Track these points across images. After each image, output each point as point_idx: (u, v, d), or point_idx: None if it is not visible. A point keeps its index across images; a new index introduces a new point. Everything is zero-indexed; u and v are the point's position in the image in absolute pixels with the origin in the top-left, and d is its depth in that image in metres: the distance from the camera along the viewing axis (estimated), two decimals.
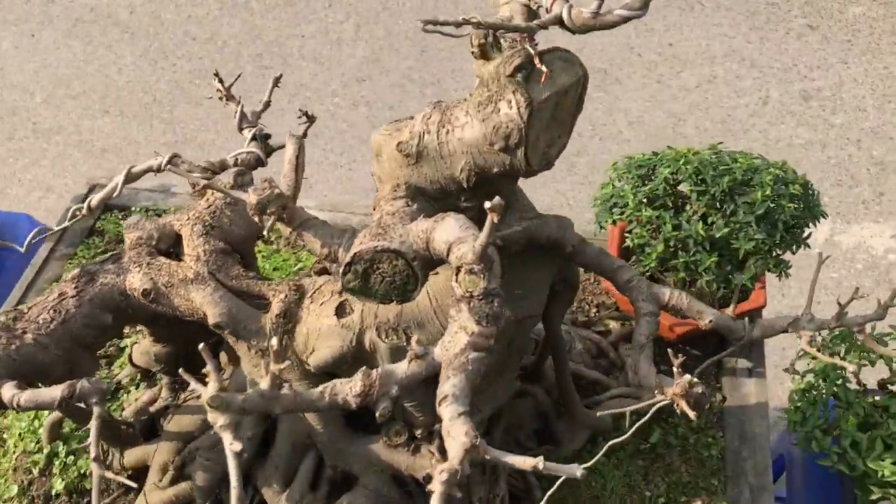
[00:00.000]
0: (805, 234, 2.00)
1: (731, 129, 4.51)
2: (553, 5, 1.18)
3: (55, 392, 1.37)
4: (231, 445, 1.03)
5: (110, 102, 4.83)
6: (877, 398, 2.09)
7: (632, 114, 4.63)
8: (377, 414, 1.12)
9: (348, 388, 1.10)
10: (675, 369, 1.36)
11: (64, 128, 4.69)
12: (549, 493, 1.59)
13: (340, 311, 1.58)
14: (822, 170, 4.32)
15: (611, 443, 1.59)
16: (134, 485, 1.36)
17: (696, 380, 1.34)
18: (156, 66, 5.03)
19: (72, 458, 1.98)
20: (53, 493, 1.96)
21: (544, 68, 1.21)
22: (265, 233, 1.29)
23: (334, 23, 5.20)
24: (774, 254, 1.94)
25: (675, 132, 4.51)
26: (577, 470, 0.97)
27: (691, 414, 1.32)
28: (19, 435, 2.05)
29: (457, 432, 1.00)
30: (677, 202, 1.97)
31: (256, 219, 1.30)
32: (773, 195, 1.92)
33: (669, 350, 1.41)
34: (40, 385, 1.57)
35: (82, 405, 1.61)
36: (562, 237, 1.49)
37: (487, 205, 1.04)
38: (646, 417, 1.51)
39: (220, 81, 1.99)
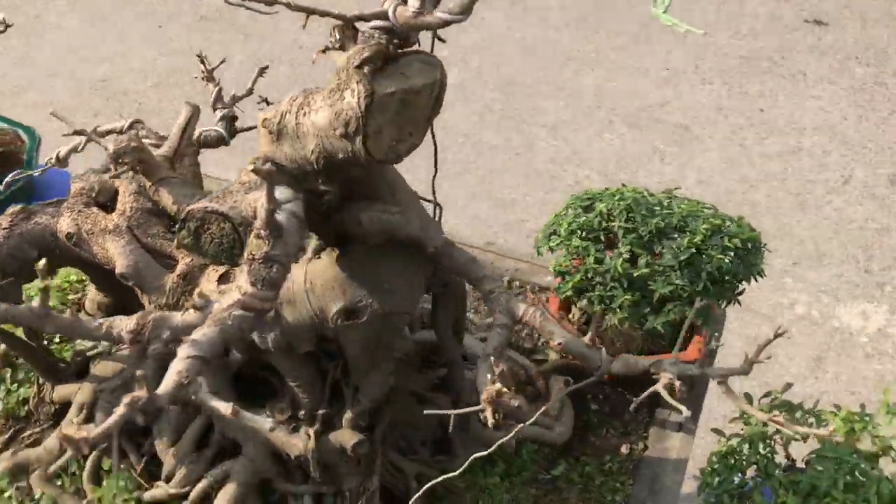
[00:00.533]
0: (738, 290, 1.94)
1: (804, 203, 4.34)
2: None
3: None
4: None
5: (210, 95, 5.15)
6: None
7: (703, 173, 4.53)
8: (147, 354, 1.20)
9: (125, 325, 1.18)
10: (489, 376, 1.37)
11: (164, 111, 5.04)
12: (417, 495, 1.63)
13: (223, 279, 1.67)
14: (894, 258, 4.09)
15: (474, 456, 1.60)
16: None
17: (505, 390, 1.34)
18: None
19: (16, 385, 2.15)
20: None
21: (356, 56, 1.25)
22: (109, 177, 1.40)
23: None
24: (697, 302, 1.89)
25: (744, 198, 4.39)
26: (266, 423, 1.01)
27: (490, 420, 1.33)
28: None
29: (173, 369, 1.06)
30: (611, 238, 1.96)
31: (112, 167, 1.41)
32: (706, 245, 1.87)
33: (492, 358, 1.42)
34: None
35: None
36: (422, 237, 1.52)
37: (250, 167, 1.10)
38: (496, 445, 1.53)
39: (203, 63, 2.14)
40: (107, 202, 1.89)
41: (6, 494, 1.96)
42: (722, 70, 5.16)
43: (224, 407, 1.04)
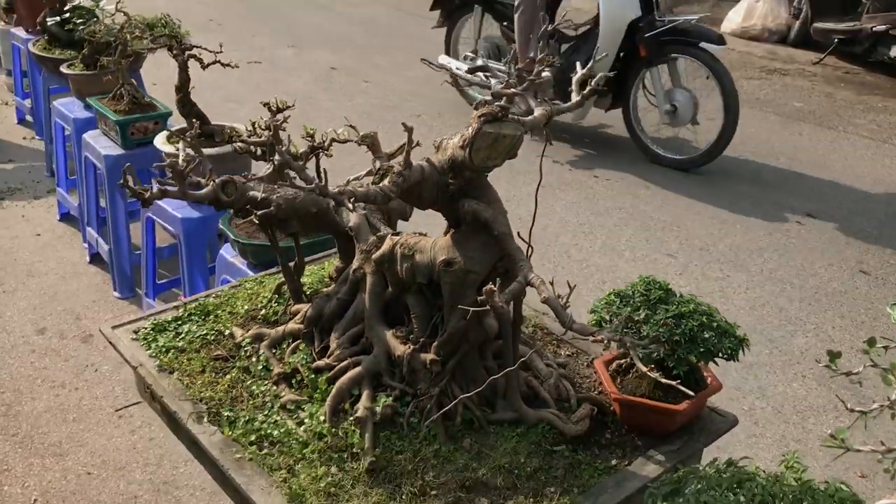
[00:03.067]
0: (711, 357, 2.81)
1: None
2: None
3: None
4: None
5: None
6: None
7: (871, 432, 4.98)
8: (338, 194, 2.50)
9: (336, 186, 2.52)
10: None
11: None
12: (450, 406, 2.72)
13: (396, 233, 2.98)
14: None
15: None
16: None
17: (494, 289, 2.44)
18: None
19: (276, 303, 3.56)
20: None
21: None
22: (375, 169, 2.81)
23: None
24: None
25: None
26: (388, 331, 2.27)
27: (481, 299, 2.42)
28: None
29: (341, 191, 2.37)
30: (634, 301, 2.96)
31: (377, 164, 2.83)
32: (690, 317, 2.81)
33: (505, 289, 2.52)
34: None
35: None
36: (491, 222, 2.71)
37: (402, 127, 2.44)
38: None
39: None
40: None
41: (245, 348, 3.32)
42: None
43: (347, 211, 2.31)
